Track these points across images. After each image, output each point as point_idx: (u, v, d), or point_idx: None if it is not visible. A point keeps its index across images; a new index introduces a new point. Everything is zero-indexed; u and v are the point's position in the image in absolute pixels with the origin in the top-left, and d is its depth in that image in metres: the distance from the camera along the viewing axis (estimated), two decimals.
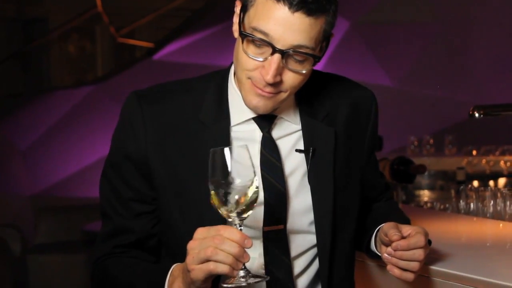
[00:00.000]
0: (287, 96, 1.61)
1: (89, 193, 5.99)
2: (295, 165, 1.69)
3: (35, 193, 6.35)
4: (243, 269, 1.45)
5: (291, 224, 1.68)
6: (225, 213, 1.48)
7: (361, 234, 1.83)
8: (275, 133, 1.69)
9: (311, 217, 1.69)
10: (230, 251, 1.41)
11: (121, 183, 1.68)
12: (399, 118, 6.03)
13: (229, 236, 1.42)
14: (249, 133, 1.67)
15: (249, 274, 1.45)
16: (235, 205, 1.46)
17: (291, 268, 1.68)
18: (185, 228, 1.60)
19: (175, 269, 1.55)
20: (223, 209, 1.47)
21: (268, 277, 1.51)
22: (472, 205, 2.79)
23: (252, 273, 1.47)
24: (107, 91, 6.61)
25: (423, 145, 5.34)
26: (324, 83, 1.77)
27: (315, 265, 1.72)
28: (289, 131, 1.70)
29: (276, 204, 1.65)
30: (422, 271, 1.73)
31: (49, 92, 6.98)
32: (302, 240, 1.70)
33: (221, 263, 1.41)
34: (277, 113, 1.68)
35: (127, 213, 1.68)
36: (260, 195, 1.63)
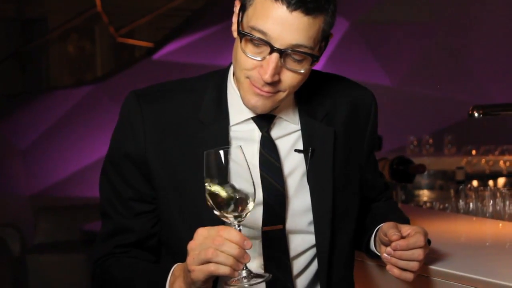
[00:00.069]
0: (286, 96, 1.61)
1: (89, 193, 5.99)
2: (294, 165, 1.69)
3: (35, 193, 6.35)
4: (245, 269, 1.44)
5: (290, 224, 1.67)
6: (220, 215, 1.47)
7: (360, 234, 1.83)
8: (274, 133, 1.68)
9: (310, 217, 1.69)
10: (230, 252, 1.41)
11: (121, 182, 1.68)
12: (399, 118, 6.03)
13: (229, 237, 1.42)
14: (248, 133, 1.67)
15: (251, 274, 1.45)
16: (231, 207, 1.46)
17: (290, 268, 1.68)
18: (185, 227, 1.60)
19: (176, 269, 1.55)
20: (217, 211, 1.47)
21: (270, 276, 1.50)
22: (471, 205, 2.79)
23: (253, 273, 1.46)
24: (107, 91, 6.60)
25: (422, 144, 5.35)
26: (324, 82, 1.76)
27: (314, 265, 1.72)
28: (288, 131, 1.70)
29: (275, 204, 1.65)
30: (421, 270, 1.73)
31: (48, 92, 6.97)
32: (301, 240, 1.70)
33: (221, 264, 1.41)
34: (276, 113, 1.68)
35: (127, 213, 1.68)
36: (259, 195, 1.64)
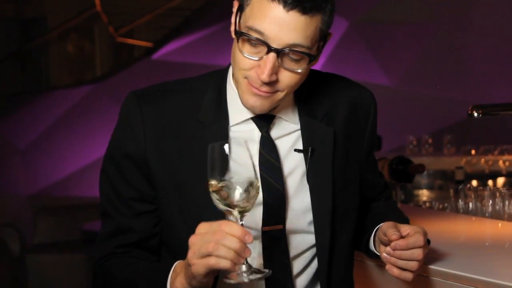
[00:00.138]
0: (284, 96, 1.61)
1: (88, 192, 5.99)
2: (294, 165, 1.69)
3: (34, 193, 6.35)
4: (245, 264, 1.44)
5: (290, 224, 1.67)
6: (224, 209, 1.47)
7: (360, 233, 1.83)
8: (274, 133, 1.68)
9: (310, 217, 1.69)
10: (231, 246, 1.40)
11: (121, 182, 1.67)
12: (398, 118, 6.03)
13: (230, 231, 1.41)
14: (247, 133, 1.67)
15: (251, 269, 1.45)
16: (236, 199, 1.45)
17: (290, 268, 1.68)
18: (185, 227, 1.60)
19: (178, 265, 1.55)
20: (222, 205, 1.46)
21: (270, 272, 1.50)
22: (471, 205, 2.79)
23: (253, 268, 1.46)
24: (106, 91, 6.60)
25: (422, 144, 5.35)
26: (323, 82, 1.76)
27: (314, 264, 1.72)
28: (288, 130, 1.70)
29: (275, 204, 1.65)
30: (421, 270, 1.73)
31: (48, 91, 6.97)
32: (301, 240, 1.70)
33: (222, 258, 1.40)
34: (275, 112, 1.68)
35: (128, 212, 1.68)
36: (259, 195, 1.64)
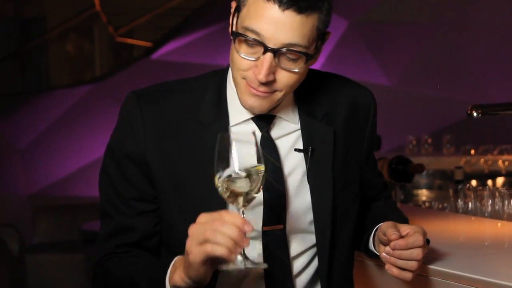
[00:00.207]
0: (283, 96, 1.61)
1: (88, 192, 5.99)
2: (294, 165, 1.69)
3: (34, 193, 6.35)
4: (242, 255, 1.43)
5: (290, 223, 1.67)
6: (228, 197, 1.46)
7: (359, 233, 1.83)
8: (274, 133, 1.68)
9: (310, 216, 1.69)
10: (229, 234, 1.39)
11: (122, 182, 1.67)
12: (397, 118, 6.03)
13: (230, 220, 1.40)
14: (248, 133, 1.66)
15: (248, 260, 1.44)
16: (241, 188, 1.44)
17: (290, 268, 1.68)
18: (185, 228, 1.59)
19: (177, 260, 1.54)
20: (226, 194, 1.46)
21: (266, 265, 1.49)
22: (470, 205, 2.79)
23: (250, 259, 1.45)
24: (106, 91, 6.60)
25: (421, 144, 5.35)
26: (323, 82, 1.76)
27: (314, 264, 1.73)
28: (288, 130, 1.70)
29: (276, 204, 1.65)
30: (420, 270, 1.73)
31: (47, 91, 6.97)
32: (301, 239, 1.70)
33: (219, 245, 1.39)
34: (275, 112, 1.68)
35: (129, 212, 1.67)
36: (260, 195, 1.64)
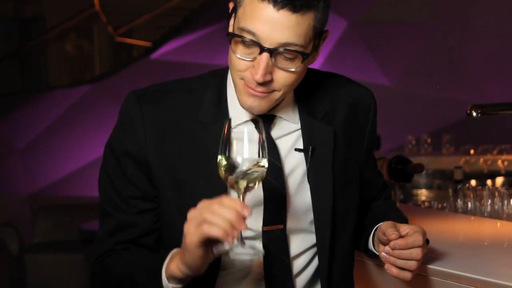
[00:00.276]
0: (282, 95, 1.60)
1: (87, 192, 5.99)
2: (294, 165, 1.69)
3: (33, 192, 6.35)
4: (239, 239, 1.43)
5: (290, 223, 1.67)
6: (231, 181, 1.46)
7: (359, 233, 1.83)
8: (274, 133, 1.68)
9: (311, 216, 1.69)
10: (226, 215, 1.39)
11: (122, 180, 1.66)
12: (397, 117, 6.03)
13: (229, 203, 1.41)
14: (249, 132, 1.66)
15: (244, 245, 1.44)
16: (242, 175, 1.45)
17: (290, 268, 1.68)
18: None
19: (175, 251, 1.54)
20: (230, 178, 1.46)
21: (263, 251, 1.48)
22: (469, 204, 2.79)
23: (246, 244, 1.45)
24: (105, 90, 6.60)
25: (421, 144, 5.35)
26: (323, 81, 1.76)
27: (314, 264, 1.73)
28: (288, 130, 1.70)
29: (276, 204, 1.65)
30: (419, 270, 1.73)
31: (47, 91, 6.97)
32: (301, 239, 1.70)
33: (215, 226, 1.39)
34: (276, 112, 1.68)
35: (129, 210, 1.66)
36: (260, 195, 1.64)
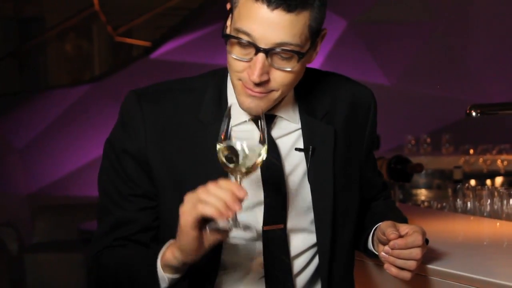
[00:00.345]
0: (280, 95, 1.60)
1: (86, 192, 5.99)
2: (295, 164, 1.69)
3: (32, 192, 6.35)
4: (234, 220, 1.43)
5: (291, 223, 1.68)
6: (229, 165, 1.47)
7: (358, 233, 1.83)
8: (274, 133, 1.68)
9: (311, 216, 1.69)
10: (221, 196, 1.40)
11: (122, 178, 1.65)
12: (396, 117, 6.03)
13: (225, 185, 1.42)
14: (248, 132, 1.66)
15: (238, 225, 1.44)
16: (242, 161, 1.46)
17: (290, 268, 1.68)
18: None
19: (171, 241, 1.53)
20: (228, 164, 1.47)
21: (255, 233, 1.48)
22: (469, 204, 2.79)
23: (241, 225, 1.45)
24: (104, 90, 6.60)
25: (420, 144, 5.36)
26: (323, 81, 1.76)
27: (314, 263, 1.73)
28: (288, 130, 1.70)
29: (276, 204, 1.65)
30: (419, 270, 1.74)
31: (46, 91, 6.97)
32: (302, 239, 1.70)
33: (209, 205, 1.40)
34: (276, 112, 1.68)
35: (129, 207, 1.65)
36: (260, 195, 1.64)
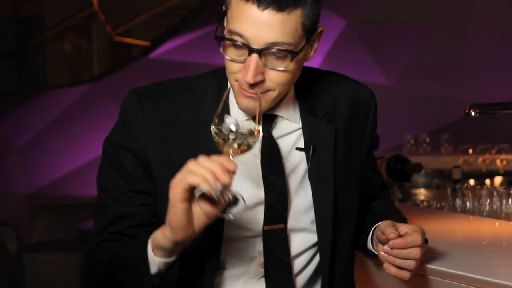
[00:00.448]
0: (278, 95, 1.60)
1: (86, 191, 5.99)
2: (295, 164, 1.69)
3: (32, 192, 6.35)
4: (223, 190, 1.43)
5: (292, 223, 1.68)
6: (223, 143, 1.47)
7: (358, 232, 1.83)
8: (275, 132, 1.68)
9: (312, 215, 1.69)
10: (210, 166, 1.41)
11: (123, 176, 1.64)
12: (396, 117, 6.04)
13: (216, 158, 1.42)
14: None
15: (227, 194, 1.43)
16: (234, 135, 1.47)
17: (290, 267, 1.68)
18: None
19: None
20: (222, 140, 1.47)
21: (244, 204, 1.47)
22: (468, 204, 2.79)
23: (230, 194, 1.44)
24: (104, 90, 6.60)
25: (419, 143, 5.36)
26: (323, 80, 1.76)
27: (314, 263, 1.73)
28: (289, 130, 1.70)
29: (277, 203, 1.65)
30: (418, 269, 1.74)
31: (45, 90, 6.97)
32: (302, 239, 1.70)
33: (197, 175, 1.40)
34: (277, 112, 1.67)
35: (129, 202, 1.64)
36: (261, 194, 1.64)
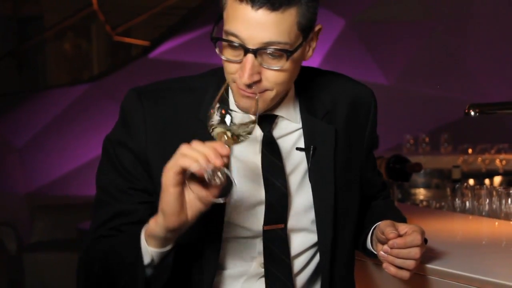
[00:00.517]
0: (276, 94, 1.60)
1: (86, 191, 5.98)
2: (296, 164, 1.69)
3: (31, 191, 6.35)
4: (216, 172, 1.42)
5: (292, 222, 1.68)
6: (219, 132, 1.47)
7: (358, 232, 1.83)
8: (276, 133, 1.68)
9: (312, 215, 1.69)
10: (203, 150, 1.41)
11: (123, 174, 1.63)
12: (395, 117, 6.04)
13: (209, 143, 1.43)
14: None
15: (218, 177, 1.42)
16: (229, 125, 1.47)
17: (290, 267, 1.68)
18: None
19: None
20: (219, 127, 1.47)
21: (235, 185, 1.45)
22: (467, 204, 2.79)
23: (220, 176, 1.43)
24: (103, 90, 6.60)
25: (419, 143, 5.36)
26: (324, 80, 1.76)
27: (314, 262, 1.73)
28: (289, 130, 1.70)
29: (277, 203, 1.65)
30: (418, 269, 1.73)
31: (44, 90, 6.98)
32: (302, 239, 1.70)
33: (189, 158, 1.41)
34: (277, 112, 1.67)
35: (128, 200, 1.63)
36: (261, 194, 1.64)
